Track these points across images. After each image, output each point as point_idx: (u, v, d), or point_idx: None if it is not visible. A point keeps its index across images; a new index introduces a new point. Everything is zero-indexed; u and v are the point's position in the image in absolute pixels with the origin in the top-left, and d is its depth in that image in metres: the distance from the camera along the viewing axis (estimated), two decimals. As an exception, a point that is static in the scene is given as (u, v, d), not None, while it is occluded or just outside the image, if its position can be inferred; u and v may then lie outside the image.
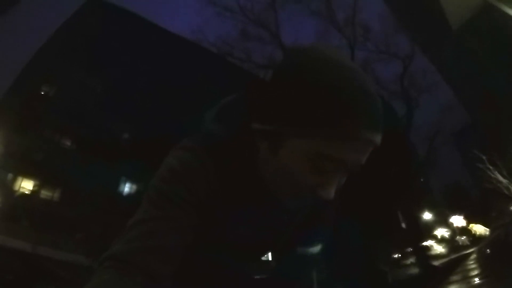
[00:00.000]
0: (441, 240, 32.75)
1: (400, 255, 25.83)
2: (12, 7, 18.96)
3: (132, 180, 22.45)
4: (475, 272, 9.96)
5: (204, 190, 0.64)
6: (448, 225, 33.31)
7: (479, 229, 30.61)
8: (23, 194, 18.63)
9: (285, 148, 0.58)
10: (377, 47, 17.24)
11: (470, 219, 31.62)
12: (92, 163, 17.39)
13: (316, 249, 0.79)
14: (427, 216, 29.60)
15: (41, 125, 20.17)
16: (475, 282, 7.94)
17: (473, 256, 16.24)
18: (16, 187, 18.78)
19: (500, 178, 15.42)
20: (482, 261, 12.86)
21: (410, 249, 22.03)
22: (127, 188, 22.59)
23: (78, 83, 21.87)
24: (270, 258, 0.76)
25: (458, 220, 32.48)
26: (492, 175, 15.63)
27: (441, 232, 33.29)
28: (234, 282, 0.73)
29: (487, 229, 30.19)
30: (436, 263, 18.77)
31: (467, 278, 9.02)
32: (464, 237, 31.21)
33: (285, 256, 0.75)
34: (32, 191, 19.11)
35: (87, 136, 20.57)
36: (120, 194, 21.19)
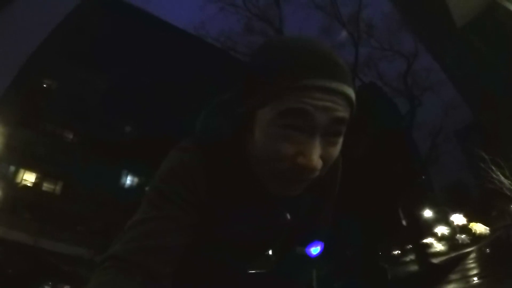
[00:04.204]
0: (441, 238, 32.84)
1: (400, 252, 25.95)
2: (10, 4, 18.90)
3: (133, 174, 22.54)
4: (475, 272, 9.98)
5: (204, 190, 0.64)
6: (449, 223, 33.35)
7: (479, 228, 30.64)
8: (25, 188, 18.72)
9: (257, 126, 0.58)
10: (381, 44, 17.17)
11: (470, 218, 31.65)
12: (94, 157, 17.44)
13: (315, 247, 0.78)
14: (427, 213, 29.62)
15: (43, 120, 20.23)
16: (474, 282, 7.96)
17: (473, 255, 16.27)
18: (18, 180, 18.88)
19: (503, 178, 15.39)
20: (482, 261, 12.88)
21: (410, 246, 22.09)
22: (128, 182, 22.68)
23: (80, 77, 21.85)
24: (270, 257, 0.77)
25: (458, 218, 32.51)
26: (495, 176, 15.60)
27: (441, 230, 33.35)
28: (234, 281, 0.73)
29: (487, 228, 30.24)
30: (435, 260, 18.85)
31: (466, 277, 9.03)
32: (464, 235, 31.27)
33: (285, 254, 0.75)
34: (34, 185, 19.20)
35: (88, 130, 20.61)
36: (121, 188, 21.27)
